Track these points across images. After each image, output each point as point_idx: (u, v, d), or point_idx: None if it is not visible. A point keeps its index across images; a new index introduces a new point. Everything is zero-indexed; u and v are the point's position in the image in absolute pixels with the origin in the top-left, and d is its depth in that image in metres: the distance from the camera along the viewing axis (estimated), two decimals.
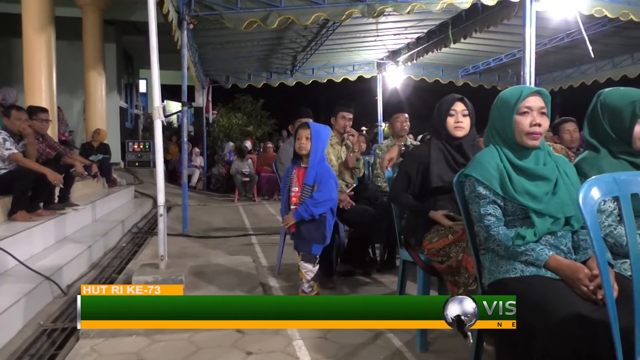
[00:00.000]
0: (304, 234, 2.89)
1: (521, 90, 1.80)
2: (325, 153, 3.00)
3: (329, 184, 2.88)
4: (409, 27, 7.04)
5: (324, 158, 2.98)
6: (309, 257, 2.91)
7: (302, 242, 2.92)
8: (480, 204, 1.79)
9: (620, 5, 5.06)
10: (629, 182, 1.30)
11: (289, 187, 3.01)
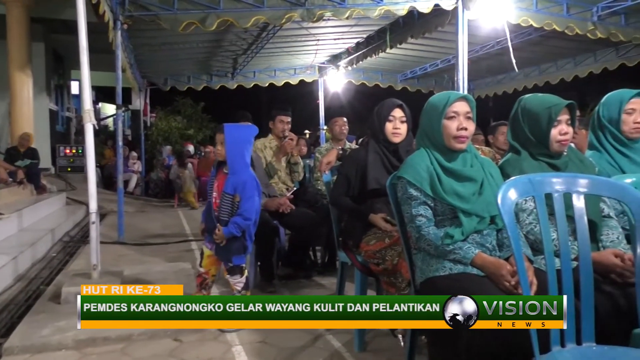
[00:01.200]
0: (224, 244, 2.72)
1: (448, 96, 1.88)
2: (249, 156, 2.77)
3: (252, 199, 2.69)
4: (348, 32, 7.15)
5: (247, 164, 2.74)
6: (233, 269, 2.77)
7: (222, 253, 2.76)
8: (412, 205, 1.85)
9: (544, 16, 5.37)
10: (543, 183, 1.39)
11: (210, 193, 2.83)
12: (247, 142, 2.76)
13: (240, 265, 2.78)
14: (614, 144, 2.16)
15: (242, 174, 2.69)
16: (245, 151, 2.72)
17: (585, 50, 7.60)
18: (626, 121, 2.12)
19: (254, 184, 2.72)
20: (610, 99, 2.18)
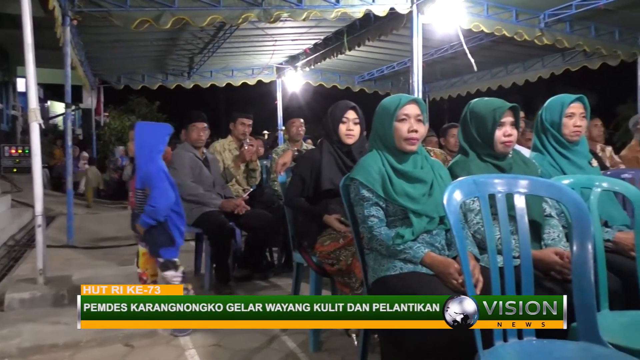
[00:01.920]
0: (149, 237, 2.71)
1: (399, 99, 1.92)
2: (159, 153, 2.74)
3: (159, 188, 2.66)
4: (306, 34, 7.16)
5: (153, 159, 2.70)
6: (165, 265, 2.71)
7: (150, 247, 2.74)
8: (364, 206, 1.88)
9: (494, 22, 5.55)
10: (487, 184, 1.44)
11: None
12: (156, 140, 2.73)
13: (172, 260, 2.73)
14: (555, 147, 2.26)
15: (147, 167, 2.68)
16: (153, 148, 2.71)
17: (534, 55, 7.89)
18: (567, 125, 2.23)
19: (160, 175, 2.69)
20: (552, 104, 2.28)
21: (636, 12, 5.59)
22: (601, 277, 1.68)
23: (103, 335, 2.59)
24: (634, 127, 4.64)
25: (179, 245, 2.77)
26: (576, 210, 1.41)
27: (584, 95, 2.31)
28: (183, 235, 2.81)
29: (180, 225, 2.77)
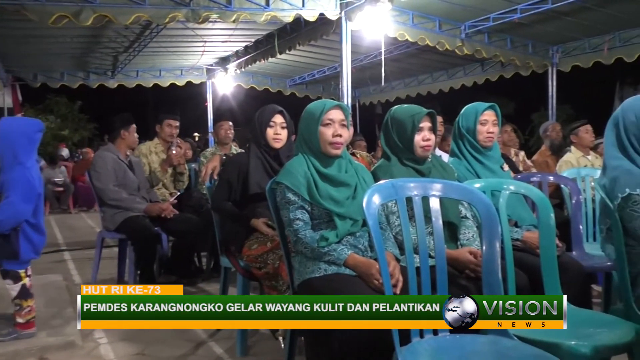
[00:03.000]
0: None
1: (324, 104, 1.96)
2: (28, 154, 2.53)
3: (8, 201, 2.44)
4: (236, 35, 7.09)
5: (18, 163, 2.47)
6: (3, 272, 2.56)
7: None
8: (290, 210, 1.90)
9: (419, 31, 5.77)
10: (404, 188, 1.51)
11: None
12: (21, 137, 2.51)
13: (10, 270, 2.55)
14: (471, 152, 2.40)
15: (8, 172, 2.48)
16: (18, 147, 2.49)
17: (456, 64, 8.27)
18: (480, 131, 2.37)
19: (17, 185, 2.46)
20: (468, 111, 2.42)
21: (548, 26, 6.02)
22: (509, 273, 1.80)
23: (15, 347, 2.44)
24: (544, 133, 5.00)
25: (25, 259, 2.58)
26: (485, 211, 1.51)
27: (496, 103, 2.47)
28: (37, 248, 2.63)
29: (34, 239, 2.57)
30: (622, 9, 5.38)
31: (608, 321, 1.65)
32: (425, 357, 1.36)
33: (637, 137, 1.72)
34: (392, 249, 1.86)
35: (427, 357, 1.36)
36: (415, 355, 1.35)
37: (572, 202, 2.83)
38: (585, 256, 2.66)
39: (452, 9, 5.60)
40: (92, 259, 3.89)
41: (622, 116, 1.75)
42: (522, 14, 5.48)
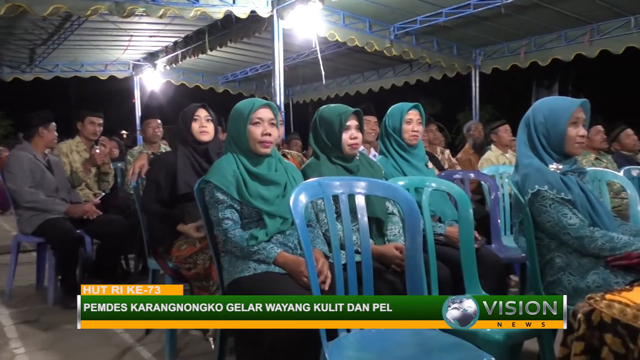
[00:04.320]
0: None
1: (253, 103, 1.96)
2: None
3: None
4: (165, 31, 6.89)
5: None
6: None
7: None
8: (219, 209, 1.88)
9: (349, 31, 5.88)
10: (331, 186, 1.53)
11: None
12: None
13: None
14: (397, 150, 2.48)
15: None
16: None
17: (386, 65, 8.50)
18: (406, 130, 2.46)
19: None
20: (394, 111, 2.50)
21: (470, 30, 6.33)
22: (432, 267, 1.88)
23: None
24: (467, 132, 5.25)
25: None
26: (408, 208, 1.57)
27: (422, 103, 2.57)
28: None
29: None
30: (537, 16, 5.76)
31: None
32: (351, 351, 1.39)
33: (545, 137, 1.85)
34: (321, 246, 1.88)
35: (352, 351, 1.39)
36: (342, 349, 1.39)
37: (491, 197, 3.00)
38: (503, 248, 2.83)
39: (381, 10, 5.75)
40: (6, 265, 3.65)
41: (532, 117, 1.88)
42: (447, 17, 5.72)
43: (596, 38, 5.98)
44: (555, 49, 6.42)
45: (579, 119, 1.82)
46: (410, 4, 5.63)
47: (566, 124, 1.79)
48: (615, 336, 0.84)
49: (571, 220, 1.74)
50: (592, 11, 5.60)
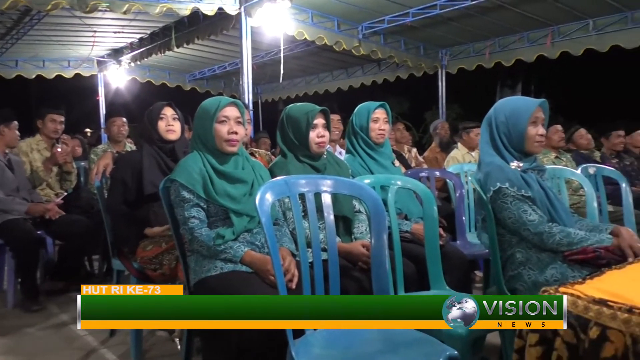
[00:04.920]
0: None
1: (219, 101, 1.95)
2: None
3: None
4: (130, 27, 6.73)
5: None
6: None
7: None
8: (185, 208, 1.86)
9: (317, 30, 5.88)
10: (297, 184, 1.54)
11: None
12: None
13: None
14: (364, 149, 2.50)
15: None
16: None
17: (355, 64, 8.54)
18: (372, 128, 2.48)
19: None
20: (361, 110, 2.52)
21: (437, 30, 6.43)
22: (398, 264, 1.92)
23: None
24: (434, 131, 5.34)
25: None
26: (373, 206, 1.59)
27: (390, 102, 2.60)
28: None
29: None
30: (501, 17, 5.89)
31: None
32: (318, 348, 1.40)
33: (506, 136, 1.90)
34: (288, 245, 1.89)
35: (319, 348, 1.40)
36: (308, 347, 1.40)
37: (456, 195, 3.06)
38: (468, 245, 2.89)
39: (349, 9, 5.77)
40: None
41: (494, 116, 1.93)
42: (414, 17, 5.79)
43: (557, 40, 6.17)
44: (518, 50, 6.58)
45: (538, 118, 1.88)
46: (378, 4, 5.68)
47: (526, 124, 1.85)
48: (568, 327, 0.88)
49: (531, 216, 1.79)
50: (553, 14, 5.76)
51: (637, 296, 0.88)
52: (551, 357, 0.87)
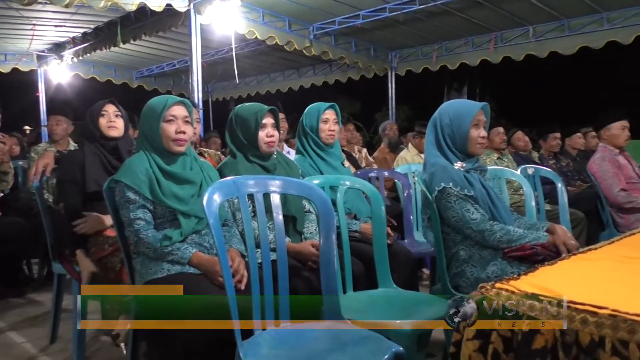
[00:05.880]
0: None
1: (166, 100, 1.91)
2: None
3: None
4: (72, 21, 6.46)
5: None
6: None
7: None
8: (130, 209, 1.82)
9: (269, 29, 5.86)
10: (245, 185, 1.53)
11: None
12: None
13: None
14: (314, 149, 2.52)
15: None
16: None
17: (306, 64, 8.57)
18: (322, 129, 2.50)
19: None
20: (311, 110, 2.54)
21: (386, 33, 6.54)
22: (347, 263, 1.94)
23: None
24: (382, 132, 5.44)
25: None
26: (322, 206, 1.60)
27: (341, 103, 2.63)
28: None
29: None
30: (447, 22, 6.07)
31: (429, 300, 1.87)
32: (266, 349, 1.40)
33: (450, 137, 1.96)
34: (237, 245, 1.88)
35: (267, 348, 1.40)
36: (257, 348, 1.39)
37: (404, 195, 3.13)
38: (415, 243, 2.96)
39: (300, 9, 5.78)
40: None
41: (439, 119, 1.99)
42: (364, 19, 5.87)
43: (500, 45, 6.42)
44: (463, 54, 6.81)
45: (480, 121, 1.96)
46: (328, 5, 5.72)
47: (469, 126, 1.92)
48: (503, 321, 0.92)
49: (473, 215, 1.86)
50: (496, 20, 6.00)
51: (566, 290, 0.94)
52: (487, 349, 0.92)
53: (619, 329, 0.79)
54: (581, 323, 0.82)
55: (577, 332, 0.83)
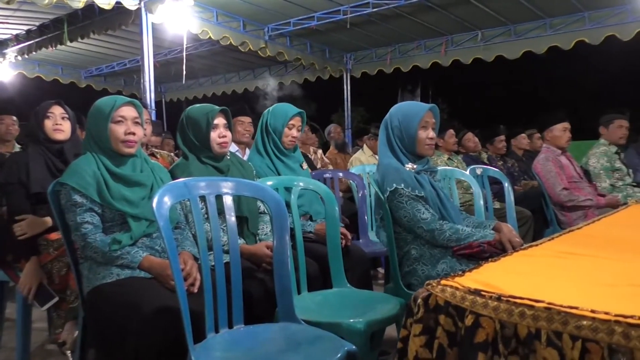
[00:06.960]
0: None
1: (115, 100, 1.86)
2: None
3: None
4: (15, 17, 6.18)
5: None
6: None
7: None
8: (77, 213, 1.76)
9: (223, 29, 5.80)
10: (197, 187, 1.52)
11: None
12: None
13: None
14: (274, 151, 2.51)
15: None
16: None
17: (262, 65, 8.54)
18: (286, 134, 2.50)
19: None
20: (277, 112, 2.51)
21: (341, 35, 6.60)
22: (301, 264, 1.95)
23: None
24: (328, 135, 5.55)
25: None
26: (276, 207, 1.60)
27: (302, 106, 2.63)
28: None
29: None
30: (400, 25, 6.20)
31: (381, 298, 1.91)
32: (219, 351, 1.39)
33: (400, 139, 2.01)
34: (190, 248, 1.85)
35: (220, 351, 1.39)
36: (209, 351, 1.38)
37: (359, 195, 3.17)
38: (370, 243, 3.01)
39: (255, 10, 5.76)
40: None
41: (390, 120, 2.03)
42: (319, 21, 5.91)
43: (450, 49, 6.61)
44: (416, 56, 6.97)
45: (428, 122, 2.01)
46: (283, 6, 5.72)
47: (417, 127, 1.97)
48: (447, 317, 0.95)
49: (424, 215, 1.91)
50: (447, 24, 6.17)
51: (506, 285, 0.98)
52: (433, 344, 0.95)
53: (554, 320, 0.83)
54: (519, 316, 0.87)
55: (516, 325, 0.87)
